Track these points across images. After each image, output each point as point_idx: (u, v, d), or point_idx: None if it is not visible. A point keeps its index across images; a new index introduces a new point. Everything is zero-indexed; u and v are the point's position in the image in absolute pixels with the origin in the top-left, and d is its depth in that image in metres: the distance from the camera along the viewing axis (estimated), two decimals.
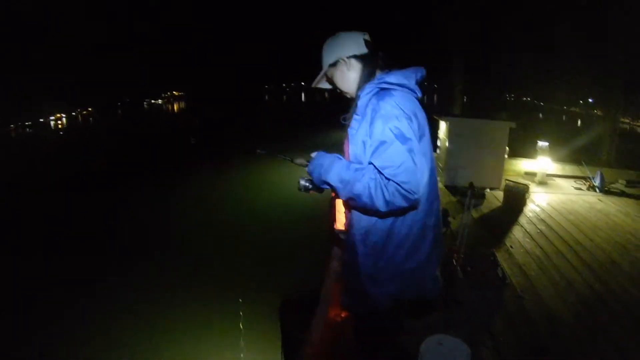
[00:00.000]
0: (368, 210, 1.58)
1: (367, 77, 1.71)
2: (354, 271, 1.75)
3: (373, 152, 1.54)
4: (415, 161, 1.49)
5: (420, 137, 1.61)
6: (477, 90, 20.44)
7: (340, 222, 1.90)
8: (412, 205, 1.53)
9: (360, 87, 1.70)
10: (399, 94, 1.58)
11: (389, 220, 1.65)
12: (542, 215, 6.25)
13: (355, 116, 1.67)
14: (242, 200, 10.13)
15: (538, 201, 6.98)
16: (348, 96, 1.81)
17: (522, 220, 6.07)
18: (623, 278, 4.34)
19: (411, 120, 1.56)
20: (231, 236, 7.83)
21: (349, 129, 1.70)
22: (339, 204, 1.88)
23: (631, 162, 9.67)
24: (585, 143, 12.39)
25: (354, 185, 1.54)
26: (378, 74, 1.71)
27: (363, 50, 1.72)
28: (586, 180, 7.91)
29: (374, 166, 1.53)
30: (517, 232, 5.61)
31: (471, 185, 3.18)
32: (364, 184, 1.51)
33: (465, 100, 20.00)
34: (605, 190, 7.47)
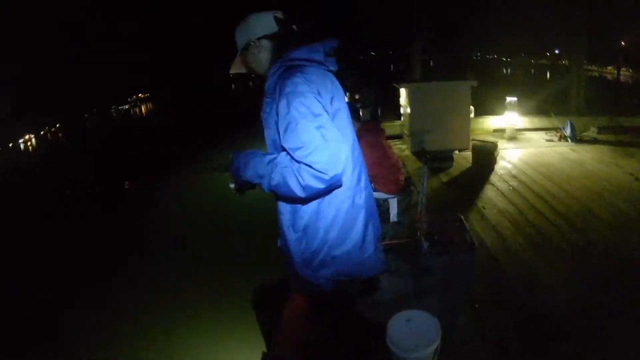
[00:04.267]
0: (291, 198, 1.49)
1: (277, 56, 1.58)
2: (289, 257, 1.67)
3: (283, 134, 1.43)
4: (326, 137, 1.39)
5: (335, 112, 1.53)
6: (441, 54, 20.11)
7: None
8: (332, 186, 1.43)
9: (270, 67, 1.59)
10: (306, 69, 1.49)
11: (314, 203, 1.55)
12: (514, 172, 5.99)
13: (265, 99, 1.57)
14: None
15: (509, 157, 6.71)
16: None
17: (494, 178, 5.80)
18: (601, 225, 4.10)
19: (320, 94, 1.47)
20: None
21: (262, 113, 1.61)
22: None
23: (601, 109, 9.44)
24: (553, 94, 12.17)
25: (270, 178, 1.45)
26: (289, 51, 1.58)
27: (273, 29, 1.62)
28: (557, 131, 7.69)
29: (286, 150, 1.43)
30: (489, 192, 5.34)
31: (423, 150, 2.99)
32: (278, 175, 1.42)
33: (432, 64, 19.62)
34: (577, 139, 7.26)
